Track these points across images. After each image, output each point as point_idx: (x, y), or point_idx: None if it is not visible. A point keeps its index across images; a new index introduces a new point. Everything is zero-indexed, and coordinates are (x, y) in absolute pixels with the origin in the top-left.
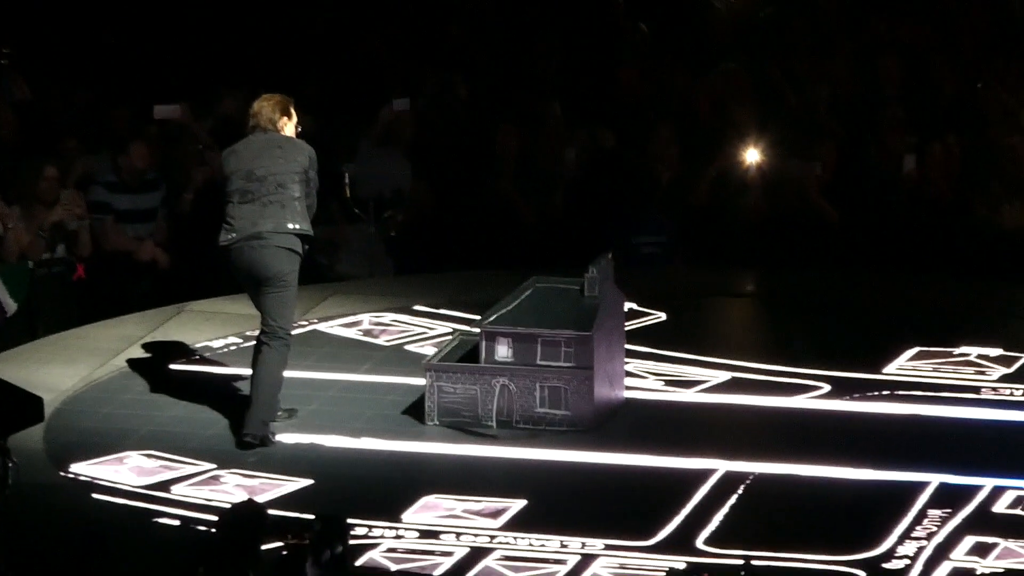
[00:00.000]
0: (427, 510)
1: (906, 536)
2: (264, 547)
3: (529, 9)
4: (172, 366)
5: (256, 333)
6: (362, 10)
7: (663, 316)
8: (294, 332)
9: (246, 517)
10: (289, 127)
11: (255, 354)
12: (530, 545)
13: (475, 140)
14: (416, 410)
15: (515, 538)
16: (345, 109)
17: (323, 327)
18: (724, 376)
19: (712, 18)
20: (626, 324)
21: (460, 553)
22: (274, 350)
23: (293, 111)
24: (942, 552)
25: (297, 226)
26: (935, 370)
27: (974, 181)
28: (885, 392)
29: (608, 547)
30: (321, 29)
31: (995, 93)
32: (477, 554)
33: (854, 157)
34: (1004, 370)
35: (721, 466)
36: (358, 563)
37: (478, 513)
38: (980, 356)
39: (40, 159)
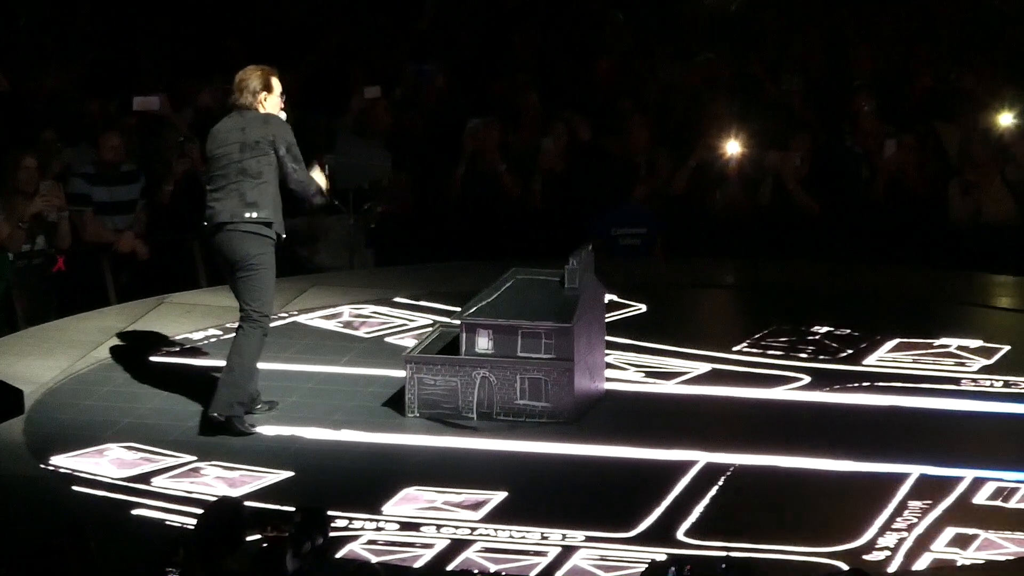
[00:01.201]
0: (407, 502)
1: (887, 527)
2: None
3: None
4: (152, 358)
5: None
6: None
7: (643, 308)
8: (274, 324)
9: (224, 517)
10: (270, 100)
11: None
12: (511, 537)
13: (453, 130)
14: (396, 402)
15: (496, 530)
16: (322, 99)
17: (303, 319)
18: (704, 367)
19: (688, 8)
20: (606, 316)
21: (441, 545)
22: (246, 333)
23: (275, 82)
24: (922, 543)
25: (255, 215)
26: (915, 361)
27: (949, 172)
28: (865, 384)
29: (589, 539)
30: (297, 18)
31: (969, 83)
32: (458, 546)
33: (830, 147)
34: (984, 361)
35: (702, 458)
36: (338, 555)
37: (458, 505)
38: (960, 347)
39: (18, 149)
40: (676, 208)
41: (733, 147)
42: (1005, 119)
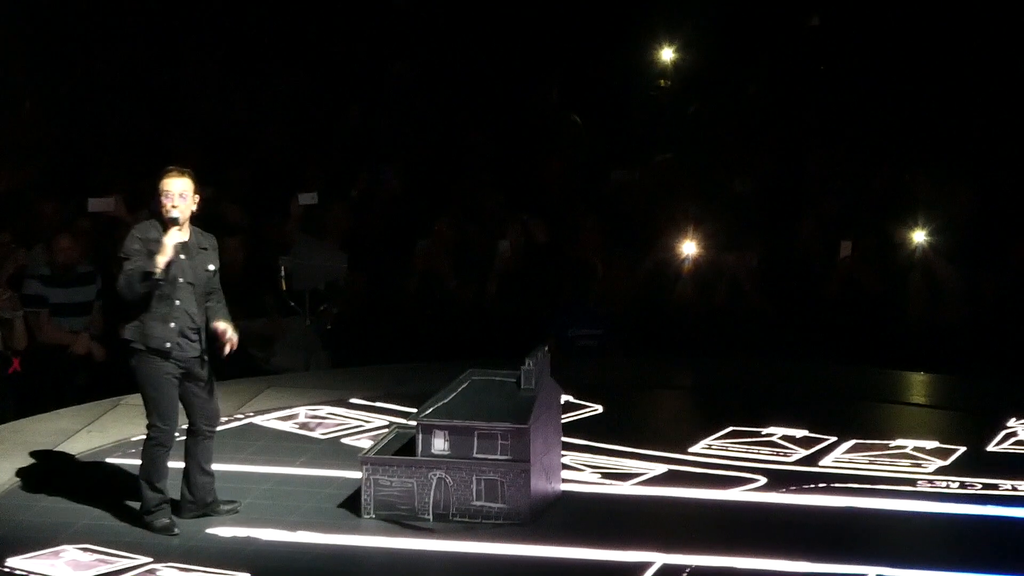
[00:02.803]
0: None
1: None
2: None
3: (462, 100)
4: (108, 459)
5: (185, 427)
6: (292, 103)
7: (600, 408)
8: (230, 425)
9: None
10: (162, 204)
11: None
12: None
13: (409, 232)
14: (352, 503)
15: None
16: (275, 201)
17: (259, 420)
18: (661, 468)
19: (644, 111)
20: (563, 417)
21: None
22: (143, 444)
23: (162, 185)
24: None
25: (121, 333)
26: (871, 463)
27: (900, 276)
28: (821, 484)
29: None
30: (248, 119)
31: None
32: None
33: (785, 248)
34: (940, 462)
35: (658, 559)
36: None
37: None
38: (916, 448)
39: None
40: (632, 309)
41: (689, 248)
42: (918, 236)
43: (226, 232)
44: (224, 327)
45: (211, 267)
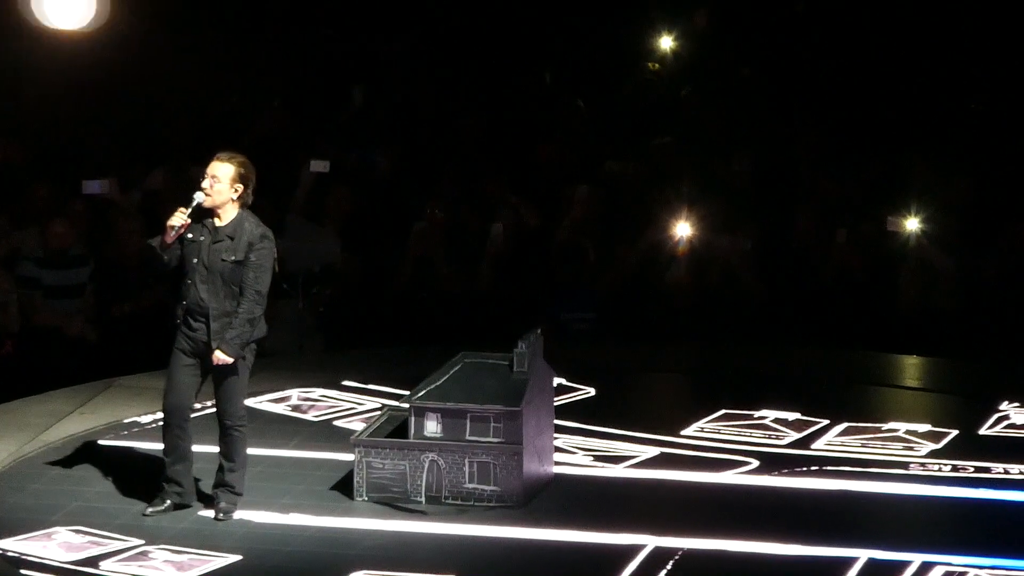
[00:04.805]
0: None
1: None
2: None
3: (455, 83)
4: (100, 441)
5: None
6: (281, 84)
7: (592, 391)
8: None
9: None
10: None
11: None
12: None
13: (399, 214)
14: (345, 486)
15: None
16: (268, 183)
17: (251, 402)
18: (653, 451)
19: (639, 94)
20: (555, 399)
21: None
22: None
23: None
24: None
25: None
26: (863, 446)
27: (898, 259)
28: (814, 468)
29: None
30: (239, 103)
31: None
32: None
33: (779, 232)
34: (932, 446)
35: (650, 542)
36: None
37: None
38: (908, 432)
39: None
40: (625, 292)
41: (683, 229)
42: (911, 224)
43: None
44: (218, 356)
45: (232, 257)
